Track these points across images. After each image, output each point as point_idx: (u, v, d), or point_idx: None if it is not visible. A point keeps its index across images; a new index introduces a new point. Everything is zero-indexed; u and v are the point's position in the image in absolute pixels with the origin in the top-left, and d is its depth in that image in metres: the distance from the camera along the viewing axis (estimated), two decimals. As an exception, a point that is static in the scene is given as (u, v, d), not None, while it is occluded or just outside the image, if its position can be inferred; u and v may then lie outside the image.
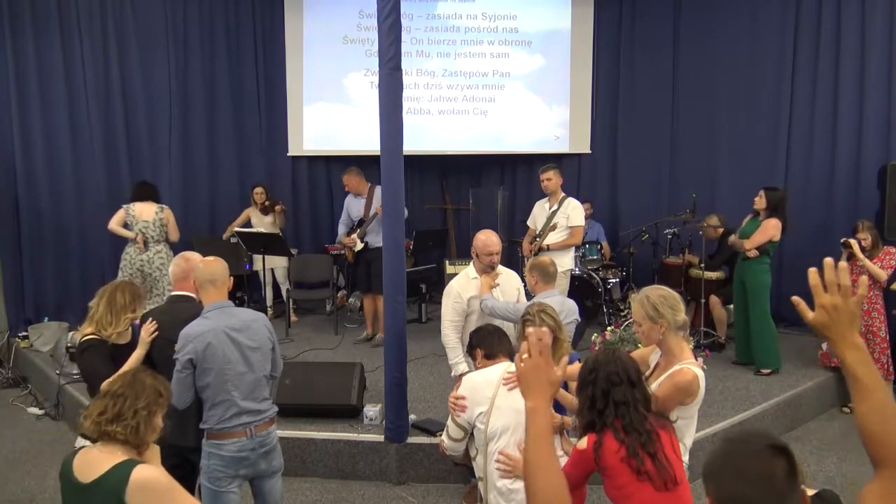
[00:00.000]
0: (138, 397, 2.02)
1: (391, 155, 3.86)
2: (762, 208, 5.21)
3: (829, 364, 5.24)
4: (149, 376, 2.12)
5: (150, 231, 5.70)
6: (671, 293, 2.57)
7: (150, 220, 5.72)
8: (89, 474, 1.91)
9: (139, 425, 1.98)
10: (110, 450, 1.96)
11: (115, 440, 1.96)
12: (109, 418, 1.97)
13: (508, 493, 2.55)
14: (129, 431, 1.96)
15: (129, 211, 5.70)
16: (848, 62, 6.25)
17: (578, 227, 5.38)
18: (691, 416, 2.55)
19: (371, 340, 6.15)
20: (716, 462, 1.32)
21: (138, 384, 2.06)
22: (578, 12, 7.68)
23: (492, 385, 2.69)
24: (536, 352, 1.46)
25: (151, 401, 2.04)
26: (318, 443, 4.17)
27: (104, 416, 1.98)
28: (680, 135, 7.43)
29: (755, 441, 1.30)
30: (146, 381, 2.08)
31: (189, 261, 3.11)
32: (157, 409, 2.06)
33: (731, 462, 1.28)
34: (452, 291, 3.82)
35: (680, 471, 2.17)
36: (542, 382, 1.46)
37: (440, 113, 7.79)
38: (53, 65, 6.55)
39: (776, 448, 1.27)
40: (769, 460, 1.25)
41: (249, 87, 7.66)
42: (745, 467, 1.26)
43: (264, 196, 6.97)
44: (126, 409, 1.98)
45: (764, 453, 1.26)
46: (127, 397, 2.01)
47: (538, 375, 1.46)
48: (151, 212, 5.74)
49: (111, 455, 1.94)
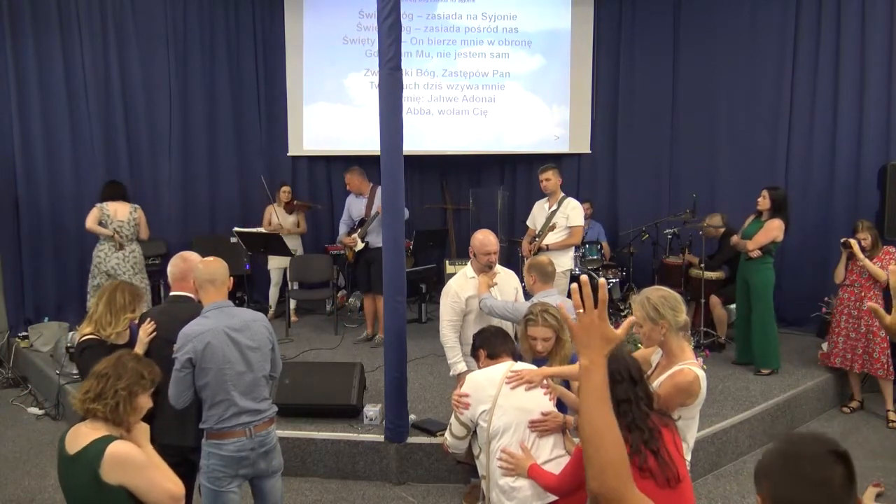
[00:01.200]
0: (120, 378, 2.14)
1: (391, 155, 3.86)
2: (766, 208, 5.21)
3: (829, 364, 5.23)
4: (132, 360, 2.24)
5: (125, 230, 5.76)
6: (672, 294, 2.57)
7: (125, 220, 5.77)
8: (74, 446, 2.07)
9: (118, 405, 2.11)
10: (94, 426, 2.11)
11: (98, 417, 2.11)
12: (92, 397, 2.12)
13: (511, 491, 2.56)
14: (108, 409, 2.10)
15: (103, 210, 5.74)
16: (848, 62, 6.24)
17: (578, 227, 5.38)
18: (693, 417, 2.55)
19: (371, 340, 6.15)
20: (775, 462, 1.30)
21: (121, 366, 2.18)
22: (578, 12, 7.68)
23: (494, 384, 2.70)
24: (591, 304, 1.39)
25: (133, 381, 2.16)
26: (318, 443, 4.17)
27: (88, 394, 2.13)
28: (680, 135, 7.43)
29: (817, 445, 1.28)
30: (128, 363, 2.20)
31: (187, 261, 3.11)
32: (139, 389, 2.17)
33: (791, 464, 1.26)
34: (450, 291, 3.82)
35: (682, 468, 2.17)
36: (597, 339, 1.39)
37: (440, 113, 7.79)
38: (53, 64, 6.55)
39: (837, 454, 1.26)
40: (830, 466, 1.24)
41: (249, 88, 7.67)
42: (804, 471, 1.24)
43: (290, 195, 6.99)
44: (107, 389, 2.12)
45: (825, 458, 1.25)
46: (109, 377, 2.14)
47: (592, 331, 1.39)
48: (126, 211, 5.81)
49: (94, 431, 2.09)
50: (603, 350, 1.40)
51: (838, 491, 1.23)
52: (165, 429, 2.85)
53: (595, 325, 1.40)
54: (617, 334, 1.42)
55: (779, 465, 1.28)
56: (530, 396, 2.68)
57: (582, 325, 1.41)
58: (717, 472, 4.22)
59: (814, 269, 6.39)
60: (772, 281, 5.26)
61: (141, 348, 2.94)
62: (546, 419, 2.64)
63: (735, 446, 4.35)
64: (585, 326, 1.40)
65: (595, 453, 1.34)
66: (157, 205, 7.19)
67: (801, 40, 6.54)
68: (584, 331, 1.40)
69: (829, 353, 5.24)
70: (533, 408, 2.65)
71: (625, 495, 1.34)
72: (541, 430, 2.63)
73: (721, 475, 4.19)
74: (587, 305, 1.40)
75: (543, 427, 2.63)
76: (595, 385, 1.38)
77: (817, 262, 6.38)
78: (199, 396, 2.76)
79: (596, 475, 1.34)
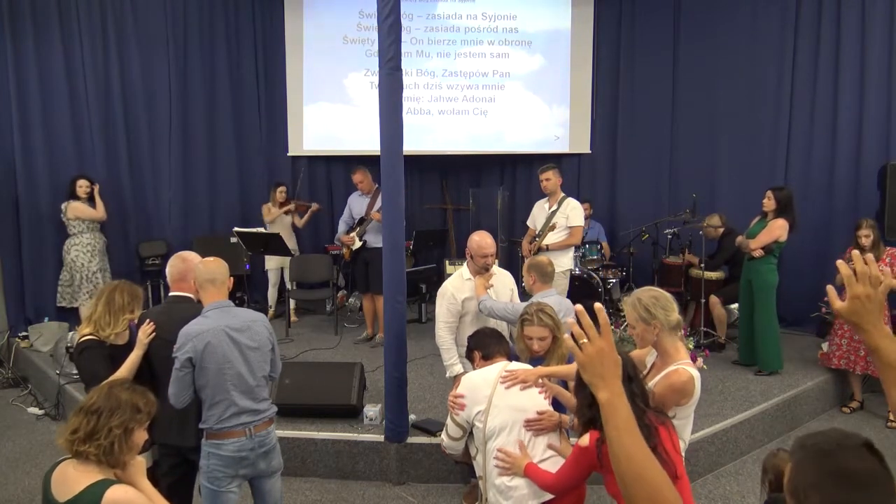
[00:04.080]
0: (113, 414, 1.90)
1: (391, 155, 3.86)
2: (771, 209, 5.20)
3: (829, 365, 5.23)
4: (125, 391, 2.00)
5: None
6: (663, 294, 2.56)
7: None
8: (64, 493, 1.84)
9: (113, 445, 1.87)
10: (85, 468, 1.87)
11: (90, 460, 1.87)
12: (82, 437, 1.87)
13: (507, 491, 2.57)
14: (102, 452, 1.86)
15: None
16: (848, 62, 6.24)
17: (578, 228, 5.36)
18: (687, 417, 2.55)
19: (371, 340, 6.15)
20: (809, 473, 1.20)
21: (113, 399, 1.94)
22: (578, 12, 7.68)
23: (489, 384, 2.71)
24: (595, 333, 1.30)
25: (128, 418, 1.92)
26: (318, 443, 4.17)
27: (76, 434, 1.88)
28: (680, 135, 7.43)
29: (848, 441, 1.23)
30: (122, 396, 1.96)
31: (186, 261, 3.10)
32: (135, 425, 1.94)
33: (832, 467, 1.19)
34: (447, 293, 3.82)
35: (680, 466, 2.17)
36: (610, 365, 1.30)
37: (440, 113, 7.79)
38: (53, 64, 6.54)
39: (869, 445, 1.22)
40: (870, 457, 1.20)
41: (249, 88, 7.67)
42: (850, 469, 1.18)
43: (285, 195, 7.00)
44: (100, 428, 1.88)
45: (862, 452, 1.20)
46: (101, 414, 1.90)
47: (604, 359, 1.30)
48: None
49: (85, 474, 1.85)
50: (618, 377, 1.32)
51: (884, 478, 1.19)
52: (165, 429, 2.85)
53: (605, 351, 1.31)
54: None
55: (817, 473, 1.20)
56: (525, 396, 2.69)
57: (590, 355, 1.32)
58: (717, 472, 4.22)
59: (813, 269, 6.38)
60: (774, 282, 5.25)
61: (140, 349, 2.93)
62: (541, 418, 2.64)
63: (735, 446, 4.35)
64: (594, 355, 1.32)
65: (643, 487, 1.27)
66: (158, 205, 7.20)
67: (801, 40, 6.53)
68: (596, 360, 1.32)
69: (831, 354, 5.22)
70: (528, 407, 2.66)
71: None
72: (536, 429, 2.63)
73: (721, 475, 4.19)
74: (591, 335, 1.31)
75: (539, 426, 2.64)
76: (624, 417, 1.30)
77: (817, 262, 6.38)
78: (199, 396, 2.76)
79: None
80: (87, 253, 6.15)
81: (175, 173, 7.21)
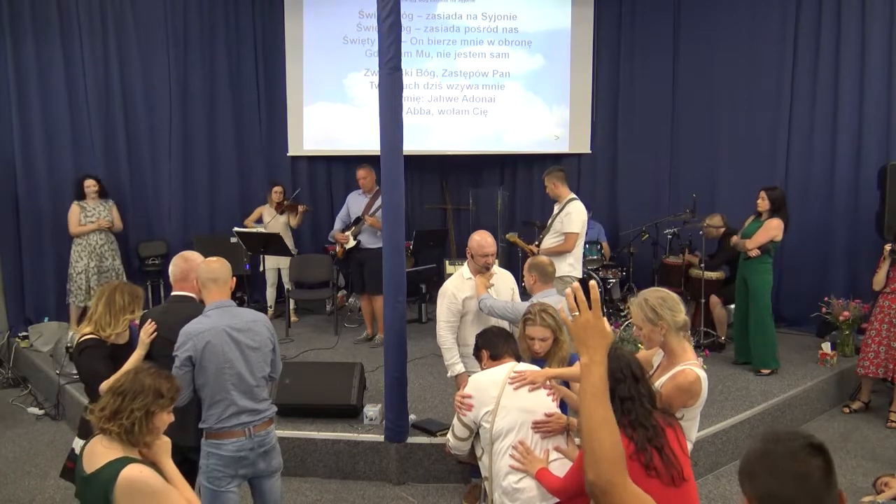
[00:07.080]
0: (135, 397, 2.02)
1: (391, 155, 3.86)
2: (765, 209, 5.21)
3: (867, 374, 5.02)
4: (149, 375, 2.11)
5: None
6: (670, 294, 2.56)
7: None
8: (90, 466, 1.98)
9: (133, 425, 2.00)
10: (110, 445, 2.00)
11: (113, 437, 2.00)
12: (108, 416, 2.01)
13: (513, 493, 2.55)
14: (123, 431, 1.99)
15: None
16: (848, 62, 6.24)
17: (571, 234, 4.96)
18: (693, 417, 2.54)
19: (371, 340, 6.15)
20: (752, 461, 1.32)
21: (137, 383, 2.06)
22: (578, 12, 7.68)
23: (497, 385, 2.69)
24: (585, 307, 1.46)
25: (149, 401, 2.03)
26: (318, 443, 4.17)
27: (104, 412, 2.02)
28: (680, 135, 7.43)
29: (792, 440, 1.29)
30: (146, 381, 2.07)
31: (188, 261, 3.11)
32: (157, 409, 2.06)
33: (768, 461, 1.29)
34: (447, 292, 3.81)
35: (687, 466, 2.16)
36: (595, 336, 1.46)
37: (440, 113, 7.79)
38: (53, 65, 6.55)
39: (813, 447, 1.27)
40: (806, 459, 1.25)
41: (249, 88, 7.66)
42: (782, 466, 1.26)
43: (282, 196, 6.99)
44: (123, 408, 2.00)
45: (801, 452, 1.26)
46: (125, 396, 2.02)
47: (590, 329, 1.46)
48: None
49: (109, 450, 1.99)
50: (602, 347, 1.46)
51: (818, 483, 1.24)
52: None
53: (591, 323, 1.46)
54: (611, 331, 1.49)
55: (757, 463, 1.31)
56: (534, 397, 2.67)
57: (579, 325, 1.47)
58: (717, 472, 4.22)
59: (813, 270, 6.39)
60: (770, 281, 5.26)
61: (143, 349, 2.93)
62: (549, 420, 2.63)
63: (735, 446, 4.35)
64: (582, 325, 1.47)
65: (592, 446, 1.41)
66: (158, 205, 7.20)
67: (801, 40, 6.53)
68: (582, 329, 1.47)
69: (868, 361, 4.96)
70: (536, 409, 2.65)
71: (619, 488, 1.40)
72: (544, 431, 2.62)
73: (721, 475, 4.19)
74: (582, 308, 1.47)
75: (547, 428, 2.62)
76: (594, 381, 1.44)
77: (817, 262, 6.38)
78: (199, 395, 2.76)
79: (593, 467, 1.41)
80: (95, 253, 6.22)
81: (175, 173, 7.20)
